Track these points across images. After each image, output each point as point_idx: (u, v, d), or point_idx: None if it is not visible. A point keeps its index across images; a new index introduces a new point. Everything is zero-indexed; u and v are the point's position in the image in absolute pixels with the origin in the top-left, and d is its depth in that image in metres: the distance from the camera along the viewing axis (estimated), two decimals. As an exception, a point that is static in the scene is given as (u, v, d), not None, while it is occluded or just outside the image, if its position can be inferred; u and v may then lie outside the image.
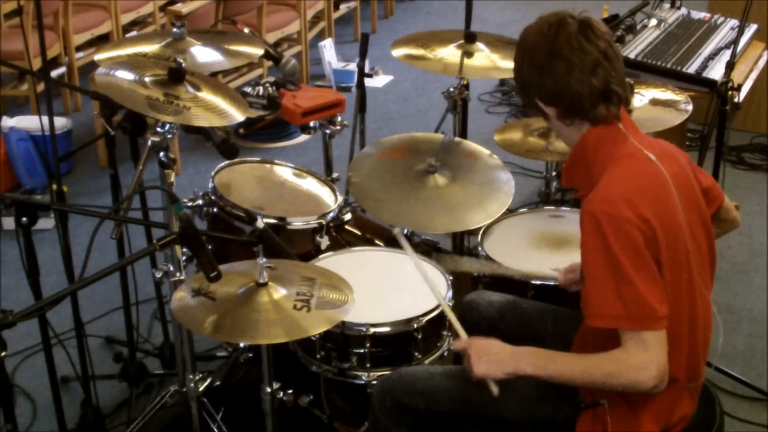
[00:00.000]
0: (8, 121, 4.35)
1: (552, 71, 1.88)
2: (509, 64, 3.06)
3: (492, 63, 3.07)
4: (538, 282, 2.51)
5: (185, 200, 2.68)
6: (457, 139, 3.14)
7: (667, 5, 3.97)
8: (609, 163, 1.90)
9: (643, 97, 3.01)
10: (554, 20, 1.91)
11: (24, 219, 2.11)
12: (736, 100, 2.93)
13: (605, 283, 1.80)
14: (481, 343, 1.98)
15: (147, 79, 2.29)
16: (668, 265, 1.84)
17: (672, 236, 1.85)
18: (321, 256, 2.60)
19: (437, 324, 2.40)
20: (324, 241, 2.67)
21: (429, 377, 2.14)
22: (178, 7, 4.58)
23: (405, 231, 3.13)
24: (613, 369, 1.81)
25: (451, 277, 2.50)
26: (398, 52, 3.09)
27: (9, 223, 3.91)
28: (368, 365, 2.32)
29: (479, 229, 2.77)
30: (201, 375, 2.60)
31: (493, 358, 1.94)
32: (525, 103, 2.02)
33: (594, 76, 1.87)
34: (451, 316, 2.13)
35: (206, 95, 2.31)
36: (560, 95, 1.90)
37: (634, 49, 3.41)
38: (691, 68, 3.33)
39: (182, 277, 2.47)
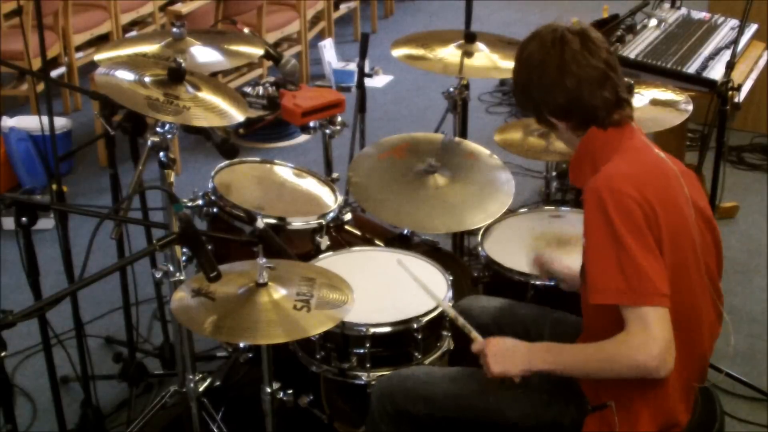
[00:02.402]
0: (8, 121, 4.35)
1: (563, 88, 1.89)
2: (509, 64, 3.03)
3: (492, 63, 3.06)
4: (537, 282, 2.51)
5: (185, 200, 2.68)
6: (457, 139, 3.14)
7: (667, 5, 3.97)
8: (615, 154, 1.91)
9: (643, 97, 3.00)
10: (555, 37, 1.91)
11: (24, 219, 2.11)
12: (736, 100, 2.93)
13: (607, 257, 1.80)
14: (496, 342, 1.99)
15: (147, 79, 2.29)
16: (670, 250, 1.83)
17: (676, 224, 1.85)
18: (321, 256, 2.60)
19: (437, 324, 2.40)
20: (324, 241, 2.67)
21: (431, 381, 2.12)
22: (178, 7, 4.58)
23: (405, 231, 3.13)
24: (614, 351, 1.80)
25: (451, 278, 2.50)
26: (398, 52, 3.09)
27: (9, 223, 3.91)
28: (368, 365, 2.32)
29: (479, 229, 2.77)
30: (201, 375, 2.60)
31: (509, 357, 1.95)
32: (535, 118, 2.02)
33: (604, 88, 1.89)
34: (462, 321, 2.12)
35: (206, 95, 2.31)
36: (573, 110, 1.92)
37: (634, 49, 3.41)
38: (691, 68, 3.33)
39: (182, 277, 2.46)
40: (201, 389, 2.58)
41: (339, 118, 3.08)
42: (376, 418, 2.14)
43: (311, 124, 3.05)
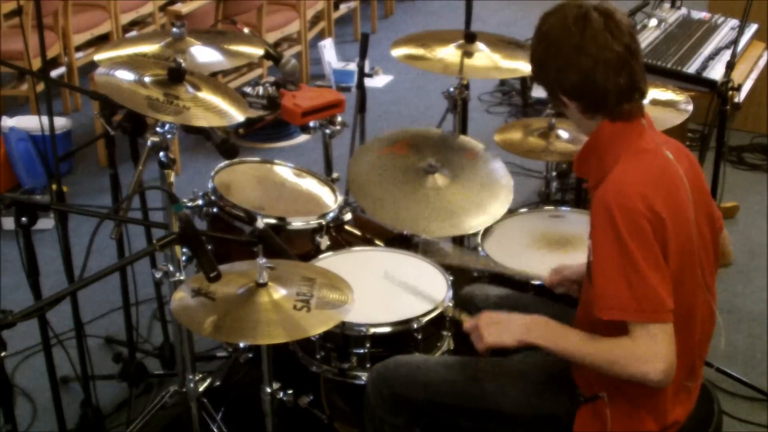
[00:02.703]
0: (8, 121, 4.35)
1: (578, 67, 1.86)
2: (509, 64, 3.06)
3: (492, 63, 3.06)
4: (537, 282, 2.51)
5: (185, 200, 2.68)
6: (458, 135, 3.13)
7: (667, 5, 3.97)
8: (623, 155, 1.89)
9: (643, 97, 3.00)
10: (579, 14, 1.87)
11: (24, 219, 2.10)
12: (736, 100, 2.93)
13: (616, 274, 1.79)
14: (489, 313, 2.00)
15: (147, 79, 2.29)
16: (674, 257, 1.83)
17: (681, 231, 1.85)
18: (321, 256, 2.60)
19: (437, 324, 2.40)
20: (324, 241, 2.67)
21: (428, 368, 2.13)
22: (178, 7, 4.58)
23: (405, 232, 3.13)
24: (620, 357, 1.81)
25: (452, 277, 2.50)
26: (398, 52, 3.08)
27: (9, 223, 3.91)
28: (368, 365, 2.32)
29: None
30: (201, 375, 2.60)
31: (504, 326, 1.95)
32: (547, 94, 1.98)
33: (620, 74, 1.86)
34: (453, 312, 2.13)
35: (206, 95, 2.31)
36: (585, 91, 1.89)
37: (634, 49, 3.40)
38: (691, 68, 3.33)
39: (182, 277, 2.46)
40: (201, 389, 2.58)
41: (339, 118, 3.08)
42: (372, 404, 2.13)
43: (311, 124, 3.05)
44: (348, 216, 2.82)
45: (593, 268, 1.86)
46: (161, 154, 2.38)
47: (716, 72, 3.29)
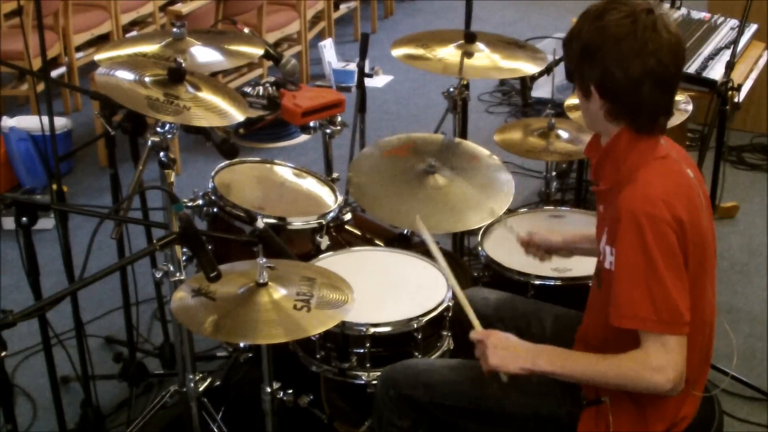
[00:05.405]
0: (8, 121, 4.35)
1: (628, 73, 1.82)
2: (509, 64, 3.06)
3: (492, 63, 3.06)
4: (537, 282, 2.51)
5: (185, 200, 2.68)
6: (457, 139, 3.14)
7: (667, 5, 3.97)
8: (642, 163, 1.88)
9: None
10: (648, 21, 1.82)
11: (24, 219, 2.11)
12: (736, 100, 2.93)
13: (638, 283, 1.79)
14: (499, 335, 1.99)
15: (147, 79, 2.29)
16: (693, 264, 1.84)
17: (697, 236, 1.86)
18: (321, 256, 2.60)
19: (437, 324, 2.40)
20: (324, 241, 2.67)
21: (431, 369, 2.14)
22: (178, 7, 4.58)
23: (405, 231, 3.13)
24: (631, 369, 1.82)
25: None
26: (398, 52, 3.08)
27: (9, 223, 3.91)
28: (368, 365, 2.32)
29: (479, 229, 2.77)
30: (201, 375, 2.60)
31: (510, 352, 1.95)
32: (577, 81, 1.93)
33: (664, 93, 1.86)
34: (466, 306, 2.13)
35: (206, 95, 2.31)
36: (623, 97, 1.86)
37: (634, 49, 3.40)
38: (691, 68, 3.33)
39: (182, 277, 2.46)
40: (201, 389, 2.58)
41: (339, 118, 3.08)
42: (379, 404, 2.15)
43: (311, 124, 3.05)
44: (348, 216, 2.82)
45: (615, 274, 1.85)
46: (161, 154, 2.38)
47: (716, 72, 3.29)
